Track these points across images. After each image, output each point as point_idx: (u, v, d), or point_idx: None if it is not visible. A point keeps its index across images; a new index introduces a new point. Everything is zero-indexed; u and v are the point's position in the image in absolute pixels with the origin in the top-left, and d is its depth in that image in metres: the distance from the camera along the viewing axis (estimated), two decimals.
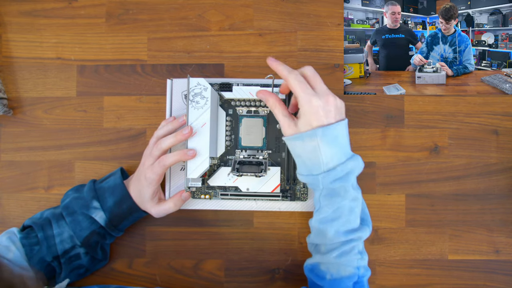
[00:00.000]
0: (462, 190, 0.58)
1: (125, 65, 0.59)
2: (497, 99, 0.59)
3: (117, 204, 0.52)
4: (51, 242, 0.51)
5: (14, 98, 0.59)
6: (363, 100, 0.59)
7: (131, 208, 0.52)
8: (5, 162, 0.59)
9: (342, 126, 0.45)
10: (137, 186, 0.52)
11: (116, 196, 0.52)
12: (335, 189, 0.46)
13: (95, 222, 0.51)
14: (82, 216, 0.51)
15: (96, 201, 0.52)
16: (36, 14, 0.60)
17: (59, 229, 0.51)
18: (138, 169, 0.53)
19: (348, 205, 0.46)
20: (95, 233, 0.52)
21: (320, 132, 0.43)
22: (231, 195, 0.55)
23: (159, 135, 0.53)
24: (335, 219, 0.47)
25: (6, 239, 0.51)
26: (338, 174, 0.45)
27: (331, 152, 0.45)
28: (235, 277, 0.58)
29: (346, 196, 0.46)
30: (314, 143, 0.44)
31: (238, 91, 0.55)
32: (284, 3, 0.59)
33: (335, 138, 0.44)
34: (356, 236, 0.47)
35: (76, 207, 0.52)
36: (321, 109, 0.44)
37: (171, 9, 0.59)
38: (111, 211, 0.52)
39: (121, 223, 0.53)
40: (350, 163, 0.45)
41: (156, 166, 0.50)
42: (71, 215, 0.51)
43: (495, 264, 0.58)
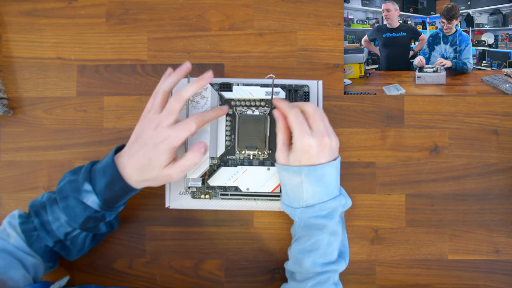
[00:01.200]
0: (462, 190, 0.58)
1: (125, 65, 0.59)
2: (497, 99, 0.59)
3: (109, 185, 0.46)
4: (48, 228, 0.48)
5: (14, 98, 0.59)
6: (363, 100, 0.59)
7: (124, 189, 0.47)
8: (5, 162, 0.59)
9: (331, 167, 0.47)
10: (143, 156, 0.46)
11: (107, 177, 0.46)
12: (313, 224, 0.48)
13: (89, 207, 0.47)
14: (75, 201, 0.47)
15: (88, 183, 0.46)
16: (36, 14, 0.60)
17: (54, 214, 0.48)
18: (139, 136, 0.47)
19: (327, 239, 0.48)
20: (91, 218, 0.48)
21: (306, 170, 0.46)
22: (231, 195, 0.55)
23: (165, 89, 0.47)
24: (312, 250, 0.48)
25: (7, 223, 0.49)
26: (316, 211, 0.47)
27: (312, 191, 0.47)
28: (235, 277, 0.58)
29: (324, 230, 0.48)
30: (298, 179, 0.47)
31: (238, 91, 0.55)
32: (284, 3, 0.59)
33: (320, 178, 0.46)
34: (332, 269, 0.48)
35: (69, 190, 0.47)
36: (313, 148, 0.46)
37: (171, 9, 0.59)
38: (103, 194, 0.47)
39: (116, 203, 0.49)
40: (331, 203, 0.47)
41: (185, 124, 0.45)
42: (64, 200, 0.47)
43: (495, 264, 0.58)
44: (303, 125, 0.46)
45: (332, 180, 0.48)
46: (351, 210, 0.58)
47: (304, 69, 0.59)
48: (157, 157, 0.45)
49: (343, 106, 0.59)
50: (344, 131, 0.58)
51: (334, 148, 0.48)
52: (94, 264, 0.58)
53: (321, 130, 0.46)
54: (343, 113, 0.59)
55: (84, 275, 0.58)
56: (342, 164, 0.58)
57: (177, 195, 0.56)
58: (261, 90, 0.54)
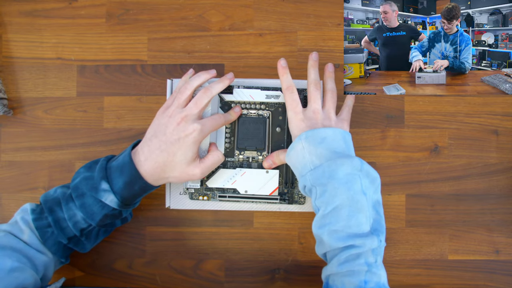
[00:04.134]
0: (462, 190, 0.58)
1: (125, 65, 0.59)
2: (497, 99, 0.59)
3: (128, 185, 0.46)
4: (63, 225, 0.47)
5: (14, 98, 0.59)
6: (363, 100, 0.59)
7: (143, 188, 0.47)
8: (5, 162, 0.59)
9: (332, 131, 0.46)
10: (167, 152, 0.45)
11: (126, 176, 0.46)
12: (327, 188, 0.44)
13: (107, 206, 0.46)
14: (92, 199, 0.46)
15: (105, 182, 0.45)
16: (36, 14, 0.60)
17: (70, 212, 0.47)
18: (158, 132, 0.46)
19: (347, 207, 0.43)
20: (109, 216, 0.47)
21: (304, 135, 0.46)
22: (229, 197, 0.55)
23: (193, 85, 0.48)
24: (330, 222, 0.43)
25: (20, 219, 0.48)
26: (325, 170, 0.44)
27: (316, 152, 0.45)
28: (235, 277, 0.58)
29: (342, 197, 0.43)
30: (300, 146, 0.46)
31: (239, 94, 0.54)
32: (284, 3, 0.59)
33: (322, 140, 0.45)
34: (358, 243, 0.42)
35: (86, 188, 0.46)
36: (304, 121, 0.47)
37: (171, 9, 0.59)
38: (122, 193, 0.46)
39: (134, 200, 0.49)
40: (340, 160, 0.44)
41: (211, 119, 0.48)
42: (80, 197, 0.46)
43: (495, 264, 0.58)
44: (296, 106, 0.49)
45: (338, 144, 0.45)
46: None
47: (304, 69, 0.58)
48: (183, 152, 0.45)
49: None
50: None
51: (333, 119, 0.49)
52: (94, 264, 0.58)
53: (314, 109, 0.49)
54: None
55: (84, 275, 0.58)
56: None
57: (177, 195, 0.56)
58: (261, 93, 0.54)
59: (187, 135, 0.45)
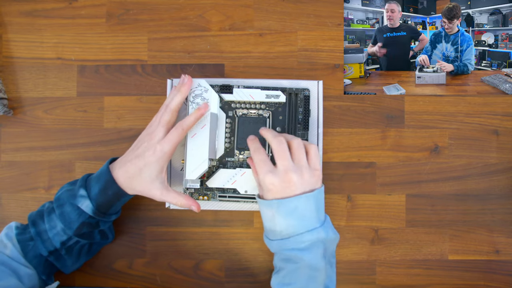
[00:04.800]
0: (463, 190, 0.58)
1: (125, 65, 0.59)
2: (497, 99, 0.59)
3: (102, 190, 0.48)
4: (44, 237, 0.49)
5: (15, 98, 0.59)
6: (363, 100, 0.59)
7: (117, 194, 0.49)
8: (5, 162, 0.59)
9: (305, 199, 0.46)
10: (135, 166, 0.48)
11: (101, 183, 0.48)
12: (289, 257, 0.47)
13: (83, 213, 0.48)
14: (70, 207, 0.48)
15: (83, 189, 0.48)
16: (36, 14, 0.60)
17: (51, 223, 0.49)
18: (136, 145, 0.50)
19: (306, 273, 0.46)
20: (85, 224, 0.49)
21: (275, 204, 0.46)
22: (229, 197, 0.55)
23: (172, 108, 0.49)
24: (290, 284, 0.47)
25: (4, 235, 0.50)
26: (292, 244, 0.46)
27: (286, 224, 0.46)
28: (235, 277, 0.58)
29: (301, 264, 0.46)
30: (270, 212, 0.47)
31: (239, 93, 0.54)
32: (284, 3, 0.59)
33: (293, 211, 0.45)
34: None
35: (66, 198, 0.49)
36: (276, 186, 0.46)
37: (171, 9, 0.59)
38: (97, 199, 0.48)
39: (109, 209, 0.50)
40: (307, 235, 0.45)
41: (176, 130, 0.48)
42: (60, 207, 0.49)
43: (495, 264, 0.58)
44: (265, 165, 0.47)
45: (308, 212, 0.46)
46: (352, 210, 0.58)
47: (304, 69, 0.59)
48: (146, 169, 0.48)
49: (343, 106, 0.59)
50: (344, 131, 0.58)
51: (308, 181, 0.47)
52: (94, 264, 0.58)
53: (287, 166, 0.46)
54: (343, 113, 0.59)
55: (84, 275, 0.58)
56: (343, 164, 0.58)
57: None
58: (261, 93, 0.54)
59: (151, 154, 0.48)
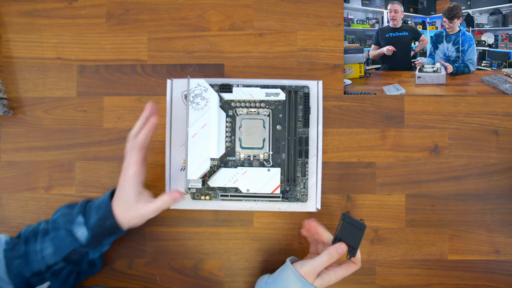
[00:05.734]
0: (462, 190, 0.58)
1: (125, 65, 0.59)
2: (497, 99, 0.59)
3: (100, 220, 0.50)
4: (32, 258, 0.49)
5: (14, 98, 0.59)
6: (363, 100, 0.59)
7: (113, 226, 0.50)
8: (5, 162, 0.59)
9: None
10: (122, 192, 0.50)
11: (101, 213, 0.50)
12: None
13: (76, 240, 0.49)
14: (65, 232, 0.50)
15: (81, 216, 0.50)
16: (36, 14, 0.60)
17: (42, 244, 0.50)
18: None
19: None
20: (76, 252, 0.50)
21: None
22: (231, 196, 0.55)
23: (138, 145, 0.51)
24: None
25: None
26: None
27: None
28: (235, 277, 0.58)
29: None
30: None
31: (238, 92, 0.55)
32: (284, 3, 0.59)
33: None
34: None
35: (62, 222, 0.51)
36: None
37: (171, 9, 0.59)
38: (94, 228, 0.50)
39: (102, 241, 0.51)
40: None
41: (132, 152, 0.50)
42: (55, 230, 0.50)
43: (495, 264, 0.58)
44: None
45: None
46: (351, 210, 0.58)
47: (304, 69, 0.59)
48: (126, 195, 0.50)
49: (343, 106, 0.59)
50: (344, 131, 0.58)
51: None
52: None
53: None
54: (343, 113, 0.59)
55: None
56: (343, 164, 0.58)
57: None
58: (261, 92, 0.54)
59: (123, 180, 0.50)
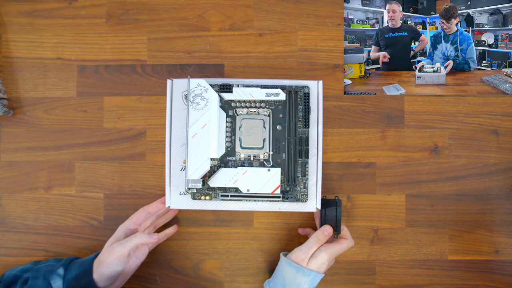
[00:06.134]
0: (462, 190, 0.58)
1: (125, 65, 0.59)
2: (497, 99, 0.59)
3: (78, 277, 0.50)
4: None
5: (14, 98, 0.59)
6: (363, 100, 0.59)
7: (87, 285, 0.50)
8: (5, 162, 0.59)
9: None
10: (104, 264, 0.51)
11: (80, 270, 0.51)
12: None
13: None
14: (43, 282, 0.50)
15: (62, 268, 0.51)
16: (36, 14, 0.60)
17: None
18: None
19: None
20: None
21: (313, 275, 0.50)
22: (231, 196, 0.55)
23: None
24: None
25: None
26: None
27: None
28: (235, 277, 0.58)
29: None
30: (303, 279, 0.50)
31: (238, 92, 0.54)
32: (284, 3, 0.59)
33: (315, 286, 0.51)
34: None
35: (43, 271, 0.51)
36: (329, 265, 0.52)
37: (171, 9, 0.59)
38: (70, 282, 0.50)
39: None
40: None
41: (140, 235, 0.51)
42: (34, 279, 0.51)
43: (495, 264, 0.58)
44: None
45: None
46: (351, 210, 0.58)
47: (304, 69, 0.59)
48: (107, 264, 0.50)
49: (343, 106, 0.59)
50: (344, 131, 0.58)
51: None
52: None
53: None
54: (343, 113, 0.59)
55: None
56: (343, 164, 0.58)
57: (177, 195, 0.56)
58: (261, 92, 0.54)
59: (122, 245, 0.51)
